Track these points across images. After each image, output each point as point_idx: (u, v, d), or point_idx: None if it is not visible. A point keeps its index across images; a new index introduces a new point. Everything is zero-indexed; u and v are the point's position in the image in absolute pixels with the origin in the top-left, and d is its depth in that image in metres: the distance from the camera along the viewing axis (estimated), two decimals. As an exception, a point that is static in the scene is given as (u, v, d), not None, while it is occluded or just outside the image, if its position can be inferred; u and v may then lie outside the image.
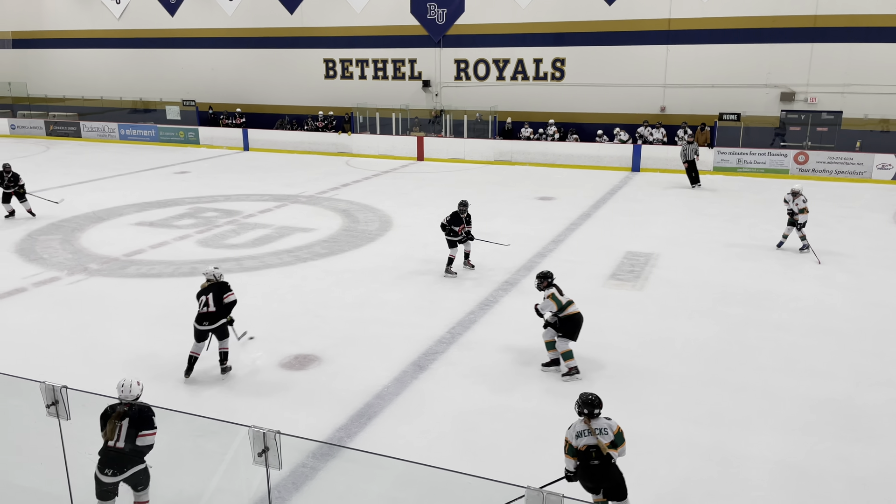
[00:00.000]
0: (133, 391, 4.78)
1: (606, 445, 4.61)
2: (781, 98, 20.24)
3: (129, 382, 4.79)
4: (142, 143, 27.40)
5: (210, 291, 7.45)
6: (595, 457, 4.60)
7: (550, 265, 11.29)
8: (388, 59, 25.01)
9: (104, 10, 28.95)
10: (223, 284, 7.57)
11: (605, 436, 4.66)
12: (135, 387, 4.79)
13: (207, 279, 7.62)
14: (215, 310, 7.37)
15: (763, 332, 8.53)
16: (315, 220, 14.40)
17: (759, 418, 6.55)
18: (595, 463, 4.60)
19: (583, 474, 4.65)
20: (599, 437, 4.62)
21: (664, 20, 21.02)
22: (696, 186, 17.81)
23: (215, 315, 7.37)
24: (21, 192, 14.34)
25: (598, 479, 4.60)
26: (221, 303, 7.40)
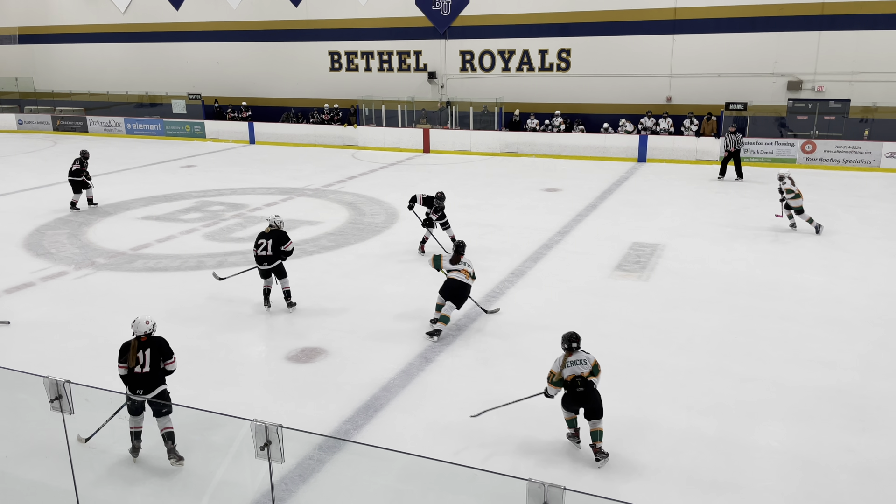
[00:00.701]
0: (143, 327, 5.67)
1: (587, 374, 5.71)
2: (788, 87, 20.09)
3: (140, 320, 5.73)
4: (148, 137, 27.47)
5: (270, 238, 8.80)
6: (581, 384, 5.68)
7: (556, 256, 11.30)
8: (394, 51, 24.96)
9: (109, 4, 28.98)
10: (283, 234, 8.91)
11: (584, 366, 5.73)
12: (143, 324, 5.69)
13: (270, 225, 8.95)
14: (272, 254, 8.74)
15: (769, 322, 8.51)
16: (321, 213, 14.42)
17: (765, 409, 6.53)
18: (580, 390, 5.69)
19: (570, 399, 5.78)
20: (579, 367, 5.69)
21: (670, 9, 20.87)
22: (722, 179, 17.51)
23: (272, 258, 8.75)
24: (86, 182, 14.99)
25: (582, 402, 5.74)
26: (278, 249, 8.77)
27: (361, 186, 17.26)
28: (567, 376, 5.71)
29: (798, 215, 12.33)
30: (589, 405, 5.69)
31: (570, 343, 5.80)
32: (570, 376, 5.69)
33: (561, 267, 10.80)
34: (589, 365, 5.75)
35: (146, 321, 5.74)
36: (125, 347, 5.65)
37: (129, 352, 5.59)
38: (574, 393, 5.71)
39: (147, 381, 5.53)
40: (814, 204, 14.59)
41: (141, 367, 5.54)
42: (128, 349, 5.61)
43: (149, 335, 5.71)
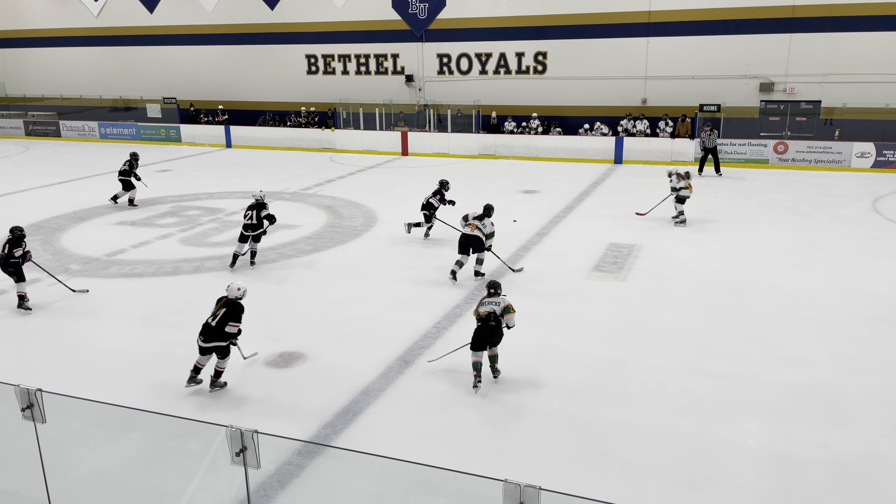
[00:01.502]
0: (234, 293, 6.92)
1: (499, 313, 7.08)
2: (761, 89, 20.39)
3: (234, 285, 6.97)
4: (122, 141, 27.14)
5: (254, 209, 10.73)
6: (493, 320, 7.04)
7: (535, 258, 11.35)
8: (371, 54, 24.93)
9: (82, 7, 28.62)
10: (264, 204, 10.88)
11: (497, 306, 7.11)
12: (235, 290, 6.93)
13: (255, 199, 10.93)
14: (256, 222, 10.67)
15: (744, 320, 8.62)
16: (299, 217, 14.35)
17: (740, 406, 6.62)
18: (492, 324, 7.05)
19: (481, 334, 7.04)
20: (493, 306, 7.09)
21: (644, 12, 21.09)
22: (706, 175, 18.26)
23: (256, 226, 10.71)
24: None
25: (491, 335, 7.06)
26: (261, 217, 10.69)
27: (340, 190, 17.21)
28: (483, 312, 7.11)
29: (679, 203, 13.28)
30: (495, 338, 7.10)
31: (490, 289, 7.32)
32: (485, 312, 7.10)
33: (539, 268, 10.85)
34: (501, 306, 7.11)
35: (238, 288, 6.96)
36: (219, 300, 7.04)
37: (217, 305, 6.92)
38: (487, 326, 7.03)
39: (211, 333, 6.83)
40: (785, 204, 14.85)
41: (213, 320, 6.84)
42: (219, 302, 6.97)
43: (230, 299, 6.91)
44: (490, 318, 7.04)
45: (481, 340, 7.03)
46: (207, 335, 6.85)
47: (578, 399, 6.82)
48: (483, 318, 7.07)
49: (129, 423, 4.54)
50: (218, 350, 6.90)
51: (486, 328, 7.03)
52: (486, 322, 7.03)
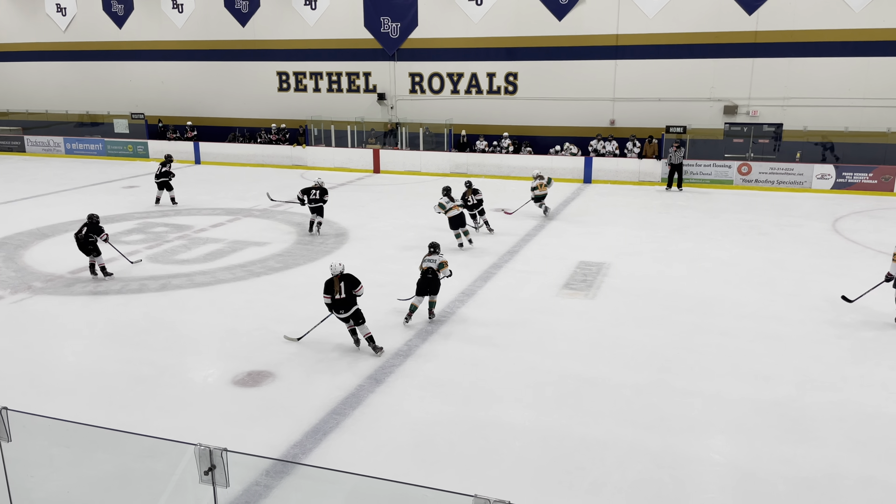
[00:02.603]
0: (337, 269, 8.18)
1: (435, 268, 9.12)
2: (725, 111, 20.88)
3: (336, 264, 8.25)
4: (89, 157, 26.76)
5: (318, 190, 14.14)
6: (430, 273, 9.07)
7: (505, 275, 11.43)
8: (343, 72, 24.99)
9: (50, 22, 28.25)
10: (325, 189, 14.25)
11: (433, 263, 9.14)
12: (338, 266, 8.21)
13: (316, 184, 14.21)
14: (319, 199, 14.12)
15: (710, 338, 8.77)
16: (269, 234, 14.27)
17: (706, 422, 6.72)
18: (429, 276, 9.07)
19: (423, 285, 9.10)
20: (431, 263, 9.15)
21: (612, 35, 21.51)
22: (672, 190, 19.30)
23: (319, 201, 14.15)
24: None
25: (431, 286, 9.13)
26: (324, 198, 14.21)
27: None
28: (423, 267, 9.17)
29: (536, 202, 15.79)
30: (433, 287, 9.15)
31: (430, 248, 9.41)
32: (425, 267, 9.15)
33: (510, 285, 10.93)
34: (437, 262, 9.17)
35: (339, 264, 8.26)
36: (329, 283, 8.19)
37: (333, 285, 8.14)
38: (426, 279, 9.07)
39: (344, 304, 8.19)
40: (749, 223, 15.18)
41: (340, 294, 8.12)
42: (332, 284, 8.15)
43: (342, 273, 8.16)
44: (428, 271, 9.07)
45: (423, 289, 9.13)
46: (339, 307, 8.24)
47: (548, 416, 6.86)
48: (424, 272, 9.11)
49: (93, 443, 4.46)
50: (354, 317, 8.28)
51: (425, 280, 9.09)
52: (425, 275, 9.08)
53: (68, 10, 27.83)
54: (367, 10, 23.95)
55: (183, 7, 26.21)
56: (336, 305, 8.24)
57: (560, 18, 21.81)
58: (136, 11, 26.83)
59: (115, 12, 27.13)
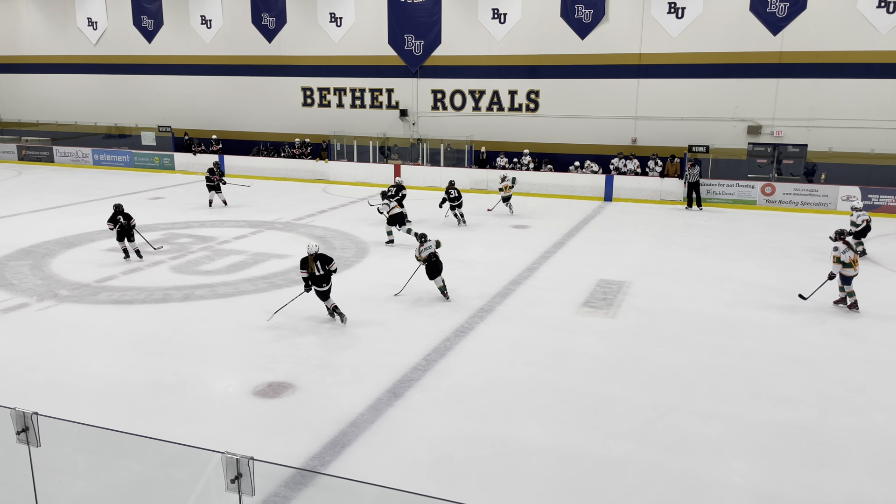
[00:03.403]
0: (313, 249, 9.46)
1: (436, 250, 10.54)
2: (748, 131, 20.77)
3: (311, 245, 9.51)
4: (116, 168, 27.21)
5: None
6: (434, 257, 10.46)
7: (525, 292, 11.42)
8: (366, 88, 25.25)
9: (81, 35, 28.91)
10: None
11: (432, 248, 10.47)
12: (313, 247, 9.48)
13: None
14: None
15: (732, 359, 8.68)
16: (291, 247, 14.38)
17: (728, 445, 6.65)
18: (434, 260, 10.45)
19: (431, 270, 10.48)
20: (431, 249, 10.49)
21: (635, 55, 21.54)
22: (693, 209, 19.15)
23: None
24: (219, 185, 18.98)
25: (437, 269, 10.50)
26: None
27: (332, 220, 17.28)
28: (425, 255, 10.43)
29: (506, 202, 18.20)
30: (439, 270, 10.50)
31: (421, 239, 10.60)
32: (427, 255, 10.42)
33: (529, 303, 10.91)
34: (434, 246, 10.52)
35: (315, 245, 9.51)
36: (304, 261, 9.48)
37: (309, 264, 9.44)
38: (432, 263, 10.46)
39: (325, 279, 9.54)
40: (772, 244, 15.04)
41: (318, 272, 9.46)
42: (307, 262, 9.45)
43: (317, 253, 9.48)
44: (431, 256, 10.43)
45: (433, 272, 10.52)
46: (319, 281, 9.55)
47: (567, 434, 6.83)
48: (427, 259, 10.42)
49: (120, 449, 4.52)
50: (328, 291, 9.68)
51: (431, 264, 10.47)
52: (430, 260, 10.43)
53: (99, 24, 28.46)
54: (392, 28, 24.23)
55: (211, 23, 26.69)
56: (317, 280, 9.54)
57: (583, 37, 21.92)
58: (165, 26, 27.39)
59: (144, 27, 27.71)
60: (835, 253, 10.34)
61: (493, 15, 22.92)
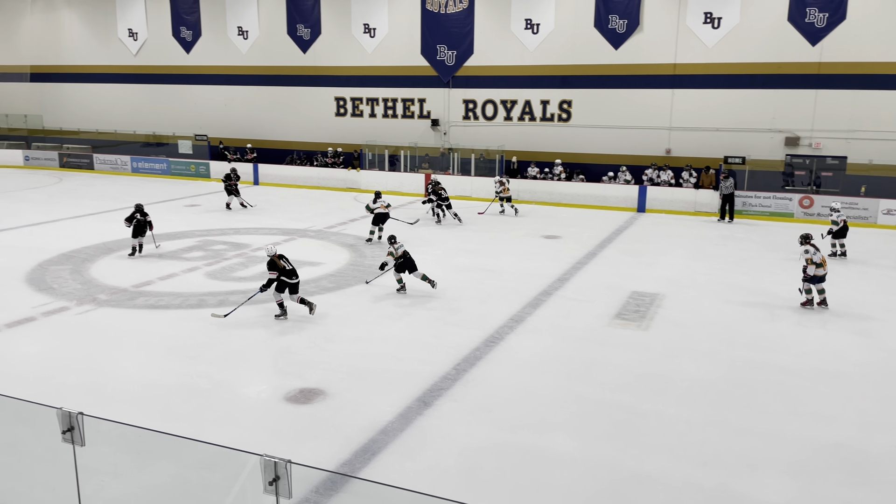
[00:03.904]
0: (272, 251, 10.25)
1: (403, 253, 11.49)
2: (786, 143, 20.44)
3: (269, 247, 10.39)
4: (153, 176, 27.78)
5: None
6: (406, 255, 11.44)
7: (556, 303, 11.36)
8: (398, 98, 25.44)
9: (122, 46, 29.63)
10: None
11: (403, 247, 11.49)
12: (272, 248, 10.30)
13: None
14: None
15: (768, 374, 8.53)
16: (323, 255, 14.52)
17: (763, 461, 6.52)
18: (408, 257, 11.45)
19: (403, 266, 11.43)
20: (402, 248, 11.47)
21: (669, 65, 21.38)
22: (725, 221, 18.80)
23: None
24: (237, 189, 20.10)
25: (410, 264, 11.43)
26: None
27: (363, 229, 17.39)
28: (399, 252, 11.41)
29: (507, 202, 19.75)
30: (413, 266, 11.50)
31: (391, 240, 11.59)
32: (402, 252, 11.43)
33: (560, 314, 10.85)
34: (405, 246, 11.61)
35: (272, 246, 10.46)
36: (272, 262, 10.15)
37: (276, 263, 10.12)
38: (406, 260, 11.43)
39: (292, 272, 10.29)
40: (811, 258, 14.72)
41: (289, 266, 10.29)
42: (275, 262, 10.13)
43: (277, 253, 10.30)
44: (406, 253, 11.46)
45: (412, 267, 11.49)
46: (290, 275, 10.25)
47: (598, 447, 6.76)
48: (402, 256, 11.43)
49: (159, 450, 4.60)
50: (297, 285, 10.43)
51: (407, 261, 11.46)
52: (405, 256, 11.44)
53: (139, 34, 29.15)
54: (424, 38, 24.41)
55: (248, 34, 27.17)
56: (288, 274, 10.21)
57: (617, 47, 21.83)
58: (203, 37, 27.96)
59: (183, 38, 28.31)
60: (806, 255, 10.90)
61: (525, 25, 22.96)
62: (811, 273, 10.88)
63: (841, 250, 14.77)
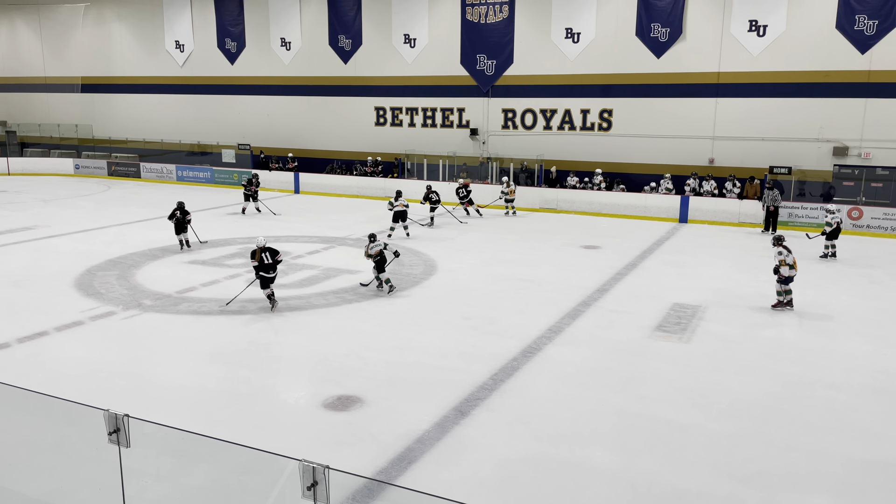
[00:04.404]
0: (261, 243, 10.99)
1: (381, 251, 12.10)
2: (834, 153, 19.93)
3: (260, 238, 11.11)
4: (197, 184, 28.38)
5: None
6: (382, 256, 12.02)
7: (595, 314, 11.23)
8: (437, 107, 25.56)
9: (169, 57, 30.41)
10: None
11: (379, 246, 12.10)
12: (261, 240, 11.03)
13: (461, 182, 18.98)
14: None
15: (814, 390, 8.29)
16: (361, 263, 14.59)
17: (809, 479, 6.33)
18: (386, 255, 12.04)
19: (380, 261, 12.00)
20: (378, 247, 12.03)
21: (713, 73, 21.07)
22: (769, 233, 18.23)
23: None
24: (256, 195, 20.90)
25: (383, 263, 12.01)
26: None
27: (401, 238, 17.48)
28: (375, 252, 11.97)
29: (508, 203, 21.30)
30: (385, 264, 12.12)
31: (370, 238, 12.24)
32: (377, 251, 11.98)
33: (600, 325, 10.73)
34: (381, 245, 12.12)
35: (262, 238, 11.15)
36: (254, 252, 10.97)
37: (256, 254, 10.92)
38: (382, 257, 12.04)
39: (272, 267, 10.98)
40: (859, 271, 14.32)
41: (267, 261, 10.91)
42: (256, 253, 10.94)
43: (264, 246, 11.00)
44: (380, 253, 12.01)
45: (381, 266, 12.08)
46: (266, 269, 10.94)
47: (638, 461, 6.64)
48: (379, 254, 11.99)
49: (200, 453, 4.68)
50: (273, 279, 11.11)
51: (381, 259, 12.07)
52: (381, 255, 12.03)
53: (186, 46, 29.88)
54: (464, 48, 24.50)
55: (290, 45, 27.64)
56: (265, 268, 10.92)
57: (659, 56, 21.61)
58: (247, 48, 28.53)
59: (228, 49, 28.93)
60: (780, 257, 11.26)
61: (566, 34, 22.89)
62: (785, 274, 11.18)
63: (832, 251, 15.32)
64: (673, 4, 21.20)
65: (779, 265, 11.25)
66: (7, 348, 9.43)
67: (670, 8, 21.26)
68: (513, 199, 21.15)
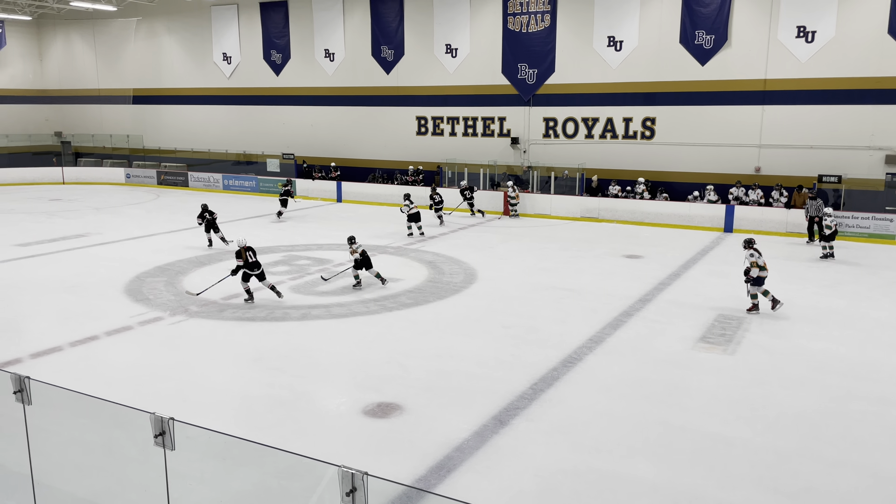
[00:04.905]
0: (242, 242, 11.95)
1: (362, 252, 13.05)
2: (886, 161, 19.35)
3: (241, 239, 12.05)
4: (243, 193, 28.95)
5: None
6: (364, 254, 13.02)
7: (637, 324, 11.10)
8: (478, 116, 25.63)
9: (216, 69, 31.16)
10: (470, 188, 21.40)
11: (362, 247, 13.08)
12: (242, 241, 11.98)
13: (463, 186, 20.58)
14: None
15: (865, 405, 8.04)
16: (402, 271, 14.72)
17: (859, 497, 6.14)
18: (366, 255, 13.03)
19: (362, 261, 12.96)
20: (361, 247, 13.07)
21: (760, 80, 20.67)
22: (812, 243, 17.91)
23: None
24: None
25: (367, 263, 13.02)
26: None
27: (441, 246, 17.55)
28: (360, 251, 12.88)
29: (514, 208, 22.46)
30: (369, 264, 13.11)
31: (351, 241, 13.10)
32: (361, 251, 12.90)
33: (642, 335, 10.59)
34: (363, 246, 13.11)
35: (243, 238, 12.08)
36: (238, 253, 11.89)
37: (242, 254, 11.83)
38: (365, 258, 13.00)
39: (256, 265, 11.99)
40: (915, 282, 13.85)
41: (252, 259, 11.93)
42: (241, 253, 11.86)
43: (246, 246, 11.98)
44: (364, 253, 12.97)
45: (363, 265, 12.99)
46: (252, 267, 11.98)
47: (681, 475, 6.53)
48: (362, 254, 12.91)
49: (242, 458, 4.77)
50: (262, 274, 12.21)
51: (365, 259, 12.99)
52: (363, 254, 12.95)
53: (233, 58, 30.59)
54: (506, 57, 24.54)
55: (334, 56, 28.07)
56: (250, 266, 11.91)
57: (703, 63, 21.32)
58: (292, 60, 29.07)
59: (273, 61, 29.52)
60: (752, 259, 11.44)
61: (608, 43, 22.75)
62: (755, 275, 11.45)
63: (830, 252, 16.10)
64: (718, 11, 20.90)
65: (749, 266, 11.45)
66: (60, 352, 9.76)
67: (715, 15, 20.96)
68: (517, 202, 22.46)
